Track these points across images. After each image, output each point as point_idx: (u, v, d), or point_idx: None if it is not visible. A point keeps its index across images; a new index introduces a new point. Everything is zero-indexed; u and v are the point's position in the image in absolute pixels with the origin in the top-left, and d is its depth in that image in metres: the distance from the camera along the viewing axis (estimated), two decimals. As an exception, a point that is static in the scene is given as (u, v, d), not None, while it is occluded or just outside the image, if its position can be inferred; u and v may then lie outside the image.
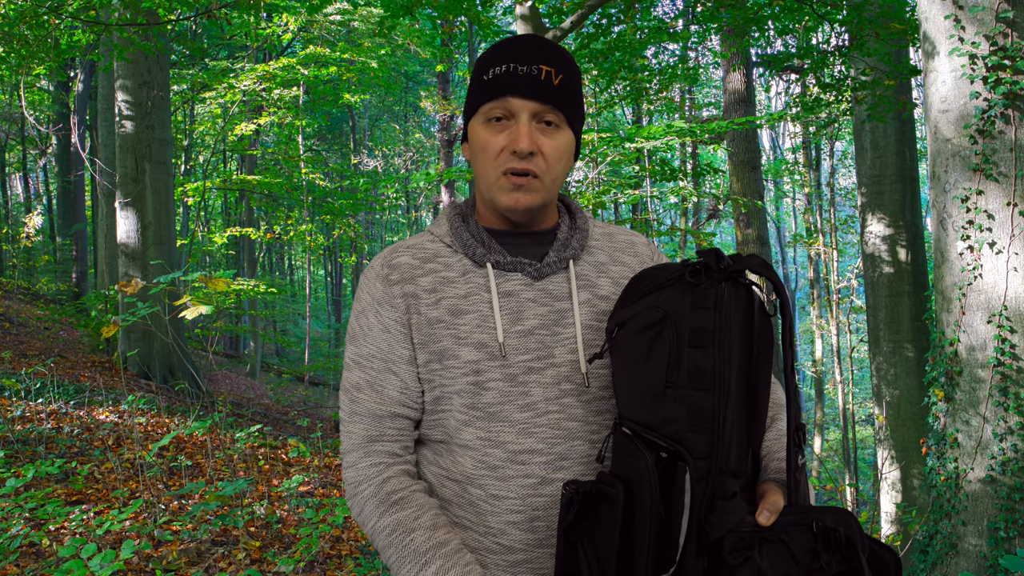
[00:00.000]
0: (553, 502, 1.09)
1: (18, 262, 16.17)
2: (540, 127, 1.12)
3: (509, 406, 1.11)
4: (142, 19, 7.13)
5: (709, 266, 0.98)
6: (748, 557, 0.89)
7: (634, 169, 11.32)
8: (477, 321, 1.12)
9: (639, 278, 1.07)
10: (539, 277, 1.16)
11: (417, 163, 24.48)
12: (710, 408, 0.94)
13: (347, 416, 1.19)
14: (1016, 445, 3.47)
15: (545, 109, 1.11)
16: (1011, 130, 3.51)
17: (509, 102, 1.10)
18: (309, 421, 8.90)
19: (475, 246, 1.16)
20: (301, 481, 4.22)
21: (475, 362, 1.11)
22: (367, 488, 1.14)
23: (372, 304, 1.18)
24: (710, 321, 0.95)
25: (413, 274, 1.16)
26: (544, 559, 1.09)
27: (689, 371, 0.95)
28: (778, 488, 0.99)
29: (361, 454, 1.16)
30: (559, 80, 1.11)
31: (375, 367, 1.17)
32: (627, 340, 1.01)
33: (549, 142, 1.12)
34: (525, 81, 1.09)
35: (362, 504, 1.14)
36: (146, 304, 3.69)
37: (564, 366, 1.12)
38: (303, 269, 27.52)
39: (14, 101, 15.04)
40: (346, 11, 12.29)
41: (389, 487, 1.13)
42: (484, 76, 1.13)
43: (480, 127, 1.14)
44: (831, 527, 0.89)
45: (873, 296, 7.10)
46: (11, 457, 4.57)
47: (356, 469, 1.16)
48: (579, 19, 5.93)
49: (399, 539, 1.09)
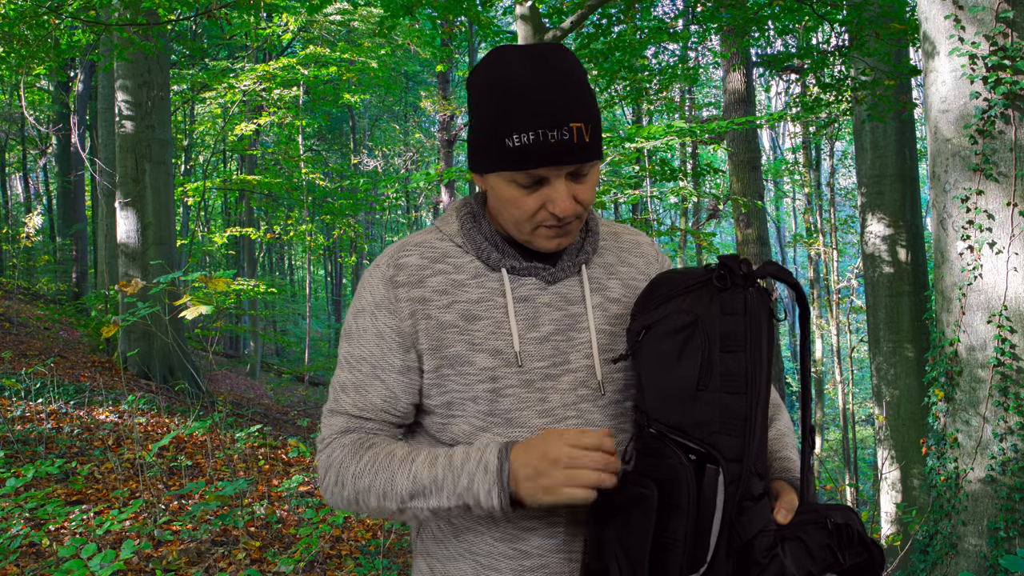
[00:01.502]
0: (571, 508, 1.08)
1: (18, 262, 16.17)
2: (574, 179, 1.06)
3: (527, 412, 1.09)
4: (142, 19, 7.13)
5: (733, 271, 1.00)
6: (774, 555, 0.93)
7: (634, 169, 11.32)
8: (492, 328, 1.10)
9: (658, 283, 1.08)
10: (553, 281, 1.14)
11: (417, 163, 24.49)
12: (742, 411, 0.96)
13: (328, 410, 1.18)
14: (1016, 445, 3.47)
15: (581, 167, 1.04)
16: (1011, 130, 3.51)
17: (541, 172, 1.02)
18: (309, 421, 8.91)
19: (489, 250, 1.13)
20: (301, 481, 4.22)
21: (491, 369, 1.09)
22: (336, 453, 1.13)
23: (370, 306, 1.14)
24: (741, 326, 0.98)
25: (422, 275, 1.12)
26: (560, 564, 1.08)
27: (721, 375, 0.97)
28: (790, 487, 1.01)
29: (336, 443, 1.16)
30: (590, 131, 1.01)
31: (362, 370, 1.15)
32: (657, 342, 1.02)
33: (584, 188, 1.06)
34: (559, 150, 1.00)
35: (337, 469, 1.12)
36: (146, 304, 3.69)
37: (580, 371, 1.11)
38: (303, 269, 27.52)
39: (14, 101, 15.04)
40: (346, 11, 12.30)
41: (356, 440, 1.13)
42: (507, 140, 1.00)
43: (505, 185, 1.06)
44: (843, 524, 0.94)
45: (873, 296, 7.10)
46: (11, 457, 4.57)
47: (330, 452, 1.15)
48: (579, 19, 5.93)
49: (382, 462, 1.08)
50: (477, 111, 1.06)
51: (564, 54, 1.04)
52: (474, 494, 1.01)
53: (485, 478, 1.00)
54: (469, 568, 1.11)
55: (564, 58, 1.03)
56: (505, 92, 1.01)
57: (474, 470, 1.01)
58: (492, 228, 1.16)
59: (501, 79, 1.02)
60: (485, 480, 1.00)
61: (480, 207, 1.19)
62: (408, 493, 1.05)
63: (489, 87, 1.03)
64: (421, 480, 1.04)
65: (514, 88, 1.00)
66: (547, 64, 1.01)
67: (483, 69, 1.05)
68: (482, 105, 1.04)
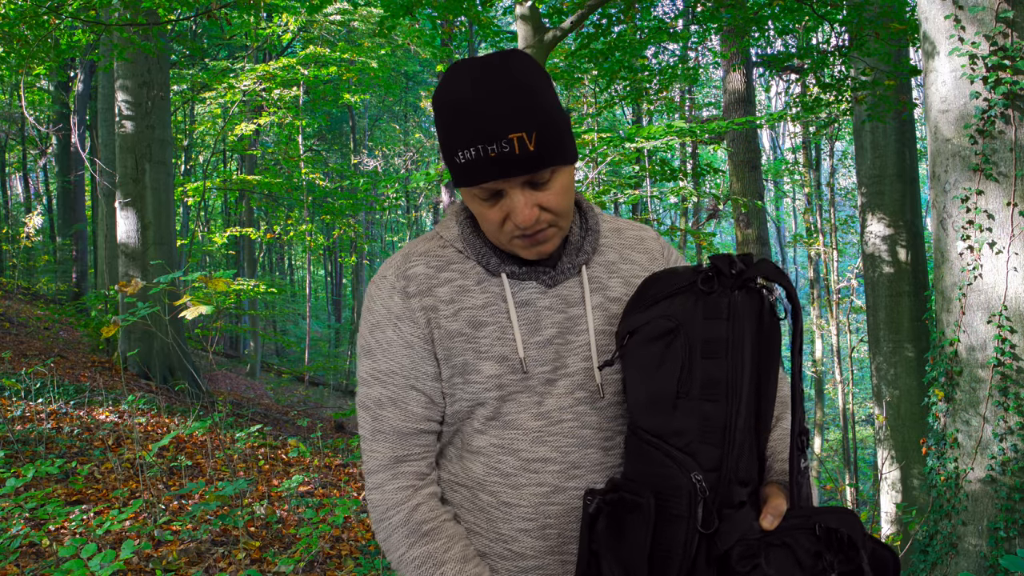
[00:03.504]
0: (566, 510, 1.08)
1: (18, 262, 16.17)
2: (534, 188, 1.03)
3: (524, 414, 1.09)
4: (142, 19, 7.13)
5: (722, 272, 0.97)
6: (755, 565, 0.90)
7: (634, 169, 11.32)
8: (497, 333, 1.10)
9: (648, 283, 1.06)
10: (553, 284, 1.13)
11: (417, 163, 24.49)
12: (722, 419, 0.94)
13: (369, 434, 1.14)
14: (1016, 445, 3.47)
15: (532, 176, 1.01)
16: (1011, 130, 3.51)
17: (490, 185, 1.02)
18: (309, 421, 8.91)
19: (488, 255, 1.12)
20: (301, 481, 4.22)
21: (497, 376, 1.09)
22: (396, 515, 1.11)
23: (389, 318, 1.12)
24: (723, 331, 0.95)
25: (430, 285, 1.12)
26: (555, 566, 1.09)
27: (701, 382, 0.95)
28: (780, 490, 0.98)
29: (388, 475, 1.13)
30: (534, 139, 0.98)
31: (396, 383, 1.12)
32: (638, 348, 1.00)
33: (549, 195, 1.04)
34: (500, 162, 0.98)
35: (390, 531, 1.11)
36: (146, 304, 3.69)
37: (578, 375, 1.11)
38: (303, 269, 27.53)
39: (14, 101, 15.04)
40: (346, 11, 12.29)
41: (419, 516, 1.11)
42: (455, 158, 1.01)
43: (471, 199, 1.06)
44: (833, 528, 0.90)
45: (873, 296, 7.10)
46: (11, 457, 4.57)
47: (383, 492, 1.12)
48: (579, 19, 5.93)
49: (428, 571, 1.07)
50: (437, 131, 1.07)
51: (516, 63, 1.01)
52: None
53: None
54: None
55: (514, 67, 1.00)
56: (450, 110, 1.01)
57: None
58: None
59: (448, 98, 1.01)
60: None
61: None
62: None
63: (440, 106, 1.03)
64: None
65: (456, 105, 1.00)
66: (490, 77, 0.99)
67: (439, 88, 1.05)
68: (438, 124, 1.05)
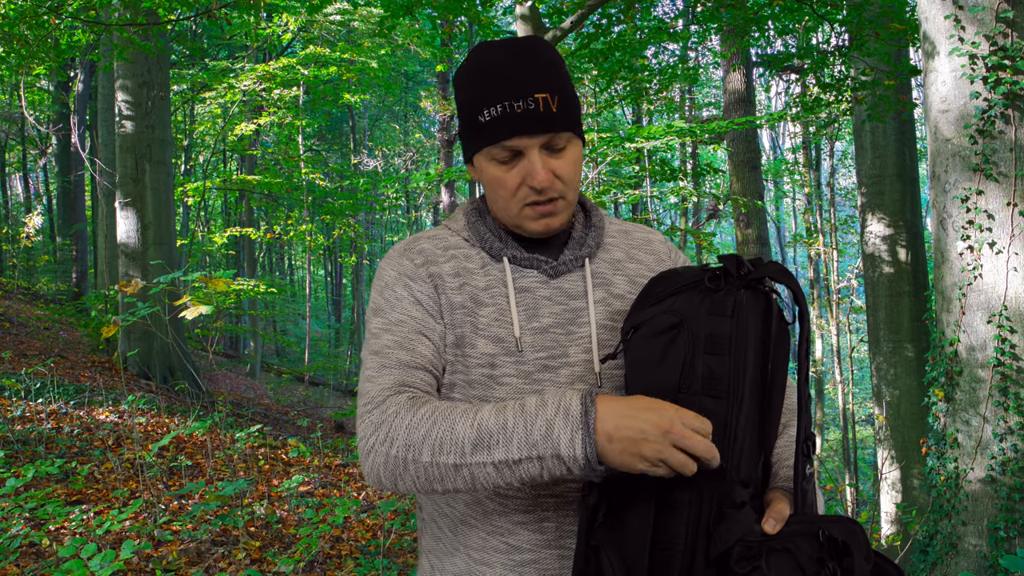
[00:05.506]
0: (562, 503, 1.08)
1: (18, 262, 16.17)
2: (550, 153, 1.09)
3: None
4: (142, 19, 7.13)
5: (729, 272, 0.98)
6: (755, 567, 0.89)
7: (634, 169, 11.32)
8: (495, 314, 1.11)
9: (656, 281, 1.06)
10: (554, 275, 1.15)
11: (417, 163, 24.49)
12: (722, 416, 0.94)
13: (375, 372, 1.07)
14: (1016, 445, 3.47)
15: (552, 138, 1.08)
16: (1011, 130, 3.51)
17: (514, 143, 1.07)
18: (309, 421, 8.91)
19: (492, 240, 1.16)
20: (301, 481, 4.22)
21: (491, 355, 1.09)
22: (392, 408, 1.01)
23: (400, 278, 1.14)
24: (727, 328, 0.95)
25: (436, 258, 1.16)
26: (551, 560, 1.08)
27: (703, 377, 0.95)
28: (785, 496, 0.98)
29: (390, 393, 1.04)
30: (556, 102, 1.07)
31: (404, 331, 1.10)
32: (642, 343, 1.01)
33: (563, 163, 1.09)
34: (526, 119, 1.05)
35: (390, 422, 0.99)
36: (146, 304, 3.69)
37: (578, 366, 1.11)
38: (303, 269, 27.52)
39: (14, 101, 15.04)
40: (346, 11, 12.29)
41: (417, 398, 1.03)
42: (479, 117, 1.08)
43: (488, 164, 1.11)
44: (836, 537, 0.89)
45: (873, 296, 7.10)
46: (11, 457, 4.57)
47: (383, 406, 1.02)
48: (579, 19, 5.93)
49: (442, 412, 0.97)
50: (460, 101, 1.13)
51: (541, 43, 1.11)
52: (553, 443, 0.90)
53: (567, 425, 0.90)
54: (462, 562, 1.12)
55: (539, 44, 1.11)
56: (478, 75, 1.09)
57: (552, 416, 0.91)
58: (496, 222, 1.19)
59: (479, 61, 1.10)
60: (567, 427, 0.90)
61: (484, 204, 1.23)
62: (471, 443, 0.93)
63: (469, 71, 1.11)
64: (487, 427, 0.93)
65: (488, 68, 1.09)
66: (521, 46, 1.10)
67: (466, 61, 1.13)
68: (462, 93, 1.12)
